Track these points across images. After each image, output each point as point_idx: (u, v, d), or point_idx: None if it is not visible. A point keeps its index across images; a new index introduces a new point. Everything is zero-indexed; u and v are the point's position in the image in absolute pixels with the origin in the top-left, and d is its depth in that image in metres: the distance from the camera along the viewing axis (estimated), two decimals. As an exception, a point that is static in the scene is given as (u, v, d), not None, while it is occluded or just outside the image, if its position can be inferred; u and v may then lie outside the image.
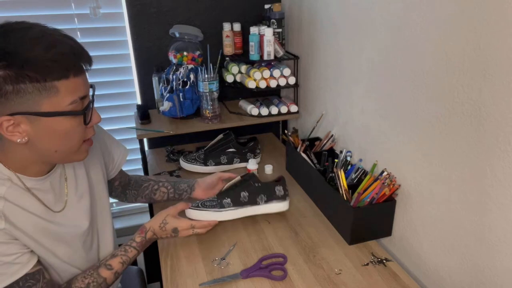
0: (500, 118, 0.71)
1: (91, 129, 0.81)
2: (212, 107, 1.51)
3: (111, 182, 1.11)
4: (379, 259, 1.02)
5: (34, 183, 0.80)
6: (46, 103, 0.69)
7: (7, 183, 0.76)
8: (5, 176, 0.76)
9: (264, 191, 1.12)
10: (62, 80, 0.69)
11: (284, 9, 1.61)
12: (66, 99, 0.71)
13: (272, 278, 0.95)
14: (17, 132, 0.71)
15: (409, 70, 0.93)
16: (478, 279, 0.83)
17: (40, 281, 0.79)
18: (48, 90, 0.68)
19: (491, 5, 0.69)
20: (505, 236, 0.75)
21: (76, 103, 0.73)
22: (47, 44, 0.67)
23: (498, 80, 0.70)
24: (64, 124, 0.73)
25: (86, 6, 1.46)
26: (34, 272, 0.78)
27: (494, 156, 0.74)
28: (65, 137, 0.75)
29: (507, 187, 0.72)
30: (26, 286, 0.77)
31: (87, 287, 0.86)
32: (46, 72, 0.67)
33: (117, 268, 0.91)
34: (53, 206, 0.85)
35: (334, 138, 1.36)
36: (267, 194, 1.12)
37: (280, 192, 1.13)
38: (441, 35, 0.82)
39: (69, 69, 0.70)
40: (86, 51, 0.74)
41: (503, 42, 0.68)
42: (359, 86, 1.17)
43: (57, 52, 0.68)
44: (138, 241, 0.96)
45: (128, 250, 0.94)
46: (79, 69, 0.72)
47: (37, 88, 0.67)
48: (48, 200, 0.84)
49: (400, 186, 1.02)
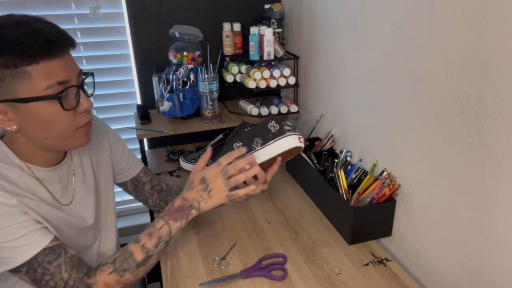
0: (500, 118, 0.71)
1: (83, 115, 0.77)
2: (212, 107, 1.51)
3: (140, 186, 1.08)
4: (379, 259, 1.02)
5: (42, 173, 0.81)
6: (21, 89, 0.69)
7: (17, 170, 0.77)
8: (16, 164, 0.77)
9: (256, 134, 0.92)
10: (32, 65, 0.68)
11: (284, 9, 1.61)
12: (41, 84, 0.69)
13: (272, 278, 0.95)
14: (6, 120, 0.72)
15: (409, 70, 0.93)
16: (478, 279, 0.83)
17: (62, 256, 0.76)
18: (21, 76, 0.68)
19: (491, 5, 0.69)
20: (505, 236, 0.75)
21: (53, 87, 0.70)
22: (19, 30, 0.67)
23: (498, 80, 0.70)
24: (44, 110, 0.72)
25: (86, 6, 1.46)
26: (53, 246, 0.75)
27: (494, 156, 0.74)
28: (50, 124, 0.74)
29: (507, 187, 0.72)
30: (46, 261, 0.74)
31: (114, 262, 0.81)
32: (15, 58, 0.66)
33: (144, 241, 0.82)
34: (60, 198, 0.85)
35: (334, 138, 1.36)
36: (261, 136, 0.91)
37: (275, 127, 0.91)
38: (441, 35, 0.82)
39: (38, 53, 0.68)
40: (63, 34, 0.72)
41: (503, 42, 0.68)
42: (359, 86, 1.17)
43: (26, 38, 0.67)
44: (165, 210, 0.86)
45: (155, 221, 0.85)
46: (52, 53, 0.69)
47: (10, 74, 0.67)
48: (55, 191, 0.84)
49: (400, 186, 1.02)
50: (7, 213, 0.71)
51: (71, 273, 0.76)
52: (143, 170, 1.08)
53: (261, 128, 0.91)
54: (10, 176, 0.75)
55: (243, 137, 0.93)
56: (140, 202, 1.13)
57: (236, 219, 1.19)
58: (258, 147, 0.90)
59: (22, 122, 0.72)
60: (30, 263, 0.73)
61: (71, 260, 0.77)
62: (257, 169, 0.86)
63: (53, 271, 0.75)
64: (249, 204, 1.27)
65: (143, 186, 1.09)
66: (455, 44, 0.78)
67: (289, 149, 0.89)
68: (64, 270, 0.76)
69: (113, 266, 0.80)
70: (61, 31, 0.72)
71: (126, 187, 1.09)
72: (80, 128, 0.78)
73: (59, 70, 0.71)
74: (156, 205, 1.12)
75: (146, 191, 1.10)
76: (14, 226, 0.72)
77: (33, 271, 0.74)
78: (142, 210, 1.89)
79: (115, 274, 0.79)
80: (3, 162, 0.76)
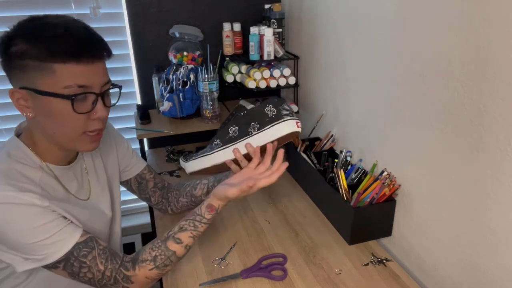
0: (500, 118, 0.71)
1: (95, 121, 0.79)
2: (212, 107, 1.51)
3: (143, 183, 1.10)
4: (379, 259, 1.02)
5: (59, 172, 0.84)
6: (40, 82, 0.72)
7: (39, 172, 0.79)
8: (37, 165, 0.80)
9: (253, 118, 0.90)
10: (59, 63, 0.70)
11: (284, 9, 1.61)
12: (61, 82, 0.72)
13: (272, 278, 0.95)
14: (25, 107, 0.75)
15: (409, 70, 0.93)
16: (478, 279, 0.83)
17: (95, 248, 0.79)
18: (44, 70, 0.70)
19: (491, 5, 0.69)
20: (505, 236, 0.75)
21: (71, 88, 0.72)
22: (56, 28, 0.71)
23: (498, 80, 0.70)
24: (57, 106, 0.74)
25: (86, 6, 1.47)
26: (85, 240, 0.78)
27: (494, 156, 0.74)
28: (60, 120, 0.76)
29: (507, 187, 0.72)
30: (81, 255, 0.77)
31: (154, 259, 0.84)
32: (46, 53, 0.69)
33: (188, 242, 0.87)
34: (78, 194, 0.88)
35: (334, 138, 1.37)
36: (258, 120, 0.90)
37: (272, 112, 0.89)
38: (441, 35, 0.82)
39: (67, 55, 0.70)
40: (99, 41, 0.75)
41: (503, 42, 0.68)
42: (359, 86, 1.17)
43: (61, 37, 0.70)
44: (209, 218, 0.88)
45: (199, 226, 0.88)
46: (80, 58, 0.71)
47: (37, 66, 0.70)
48: (72, 188, 0.87)
49: (400, 186, 1.03)
50: (39, 212, 0.74)
51: (106, 264, 0.79)
52: (146, 167, 1.11)
53: (258, 112, 0.89)
54: (35, 178, 0.77)
55: (239, 121, 0.91)
56: (143, 200, 1.15)
57: (236, 219, 1.19)
58: (254, 132, 0.89)
59: (37, 112, 0.75)
60: (67, 258, 0.76)
61: (104, 252, 0.80)
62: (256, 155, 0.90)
63: (90, 264, 0.78)
64: (249, 204, 1.27)
65: (146, 183, 1.10)
66: (455, 44, 0.78)
67: (287, 134, 0.89)
68: (100, 262, 0.79)
69: (153, 263, 0.84)
70: (97, 39, 0.75)
71: (130, 185, 1.10)
72: (88, 133, 0.79)
73: (83, 75, 0.73)
74: (158, 203, 1.14)
75: (149, 189, 1.11)
76: (47, 224, 0.74)
77: (70, 266, 0.77)
78: (142, 210, 1.89)
79: (157, 269, 0.84)
80: (27, 165, 0.78)
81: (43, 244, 0.73)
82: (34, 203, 0.73)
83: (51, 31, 0.71)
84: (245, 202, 1.28)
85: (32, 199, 0.73)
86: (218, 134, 0.95)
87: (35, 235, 0.73)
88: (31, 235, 0.73)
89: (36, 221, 0.73)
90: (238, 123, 0.91)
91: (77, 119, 0.76)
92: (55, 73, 0.71)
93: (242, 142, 0.91)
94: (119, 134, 1.06)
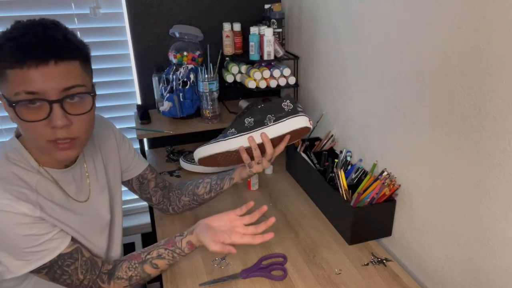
0: (500, 118, 0.71)
1: (55, 130, 0.71)
2: (212, 107, 1.52)
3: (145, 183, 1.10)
4: (379, 259, 1.02)
5: (58, 175, 0.83)
6: (3, 88, 0.70)
7: (37, 176, 0.79)
8: (35, 169, 0.80)
9: (269, 111, 0.94)
10: (8, 69, 0.67)
11: (284, 9, 1.61)
12: (12, 88, 0.68)
13: (272, 278, 0.95)
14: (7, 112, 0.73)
15: (409, 70, 0.93)
16: (478, 279, 0.83)
17: (79, 259, 0.81)
18: (2, 76, 0.68)
19: (491, 5, 0.69)
20: (505, 236, 0.75)
21: (20, 95, 0.67)
22: (12, 32, 0.68)
23: (498, 81, 0.71)
24: (12, 114, 0.70)
25: (86, 6, 1.47)
26: (71, 251, 0.80)
27: (494, 156, 0.74)
28: (23, 127, 0.72)
29: (507, 187, 0.72)
30: (65, 265, 0.79)
31: (130, 279, 0.88)
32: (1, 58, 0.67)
33: (163, 268, 0.91)
34: (77, 196, 0.88)
35: (334, 138, 1.37)
36: (274, 113, 0.94)
37: (289, 106, 0.93)
38: (441, 35, 0.82)
39: (12, 59, 0.66)
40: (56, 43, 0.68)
41: (503, 42, 0.68)
42: (359, 86, 1.17)
43: (11, 41, 0.67)
44: (187, 253, 0.92)
45: (176, 257, 0.91)
46: (24, 63, 0.66)
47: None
48: (71, 191, 0.87)
49: (400, 186, 1.03)
50: (30, 222, 0.74)
51: (85, 274, 0.83)
52: (148, 167, 1.11)
53: (275, 105, 0.94)
54: (31, 182, 0.77)
55: (256, 113, 0.95)
56: (144, 200, 1.15)
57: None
58: (270, 123, 0.93)
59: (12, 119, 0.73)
60: (51, 266, 0.78)
61: (85, 263, 0.83)
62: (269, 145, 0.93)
63: (71, 273, 0.81)
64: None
65: (148, 183, 1.11)
66: (455, 44, 0.79)
67: (300, 128, 0.93)
68: (80, 272, 0.82)
69: (128, 282, 0.88)
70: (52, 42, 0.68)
71: (132, 185, 1.10)
72: (52, 142, 0.72)
73: (33, 80, 0.67)
74: (159, 203, 1.14)
75: (150, 189, 1.11)
76: (35, 234, 0.75)
77: (53, 272, 0.79)
78: (142, 210, 1.90)
79: (130, 286, 0.89)
80: (24, 168, 0.78)
81: (28, 252, 0.75)
82: (26, 213, 0.73)
83: (6, 35, 0.68)
84: (244, 202, 1.28)
85: (24, 209, 0.73)
86: (233, 124, 0.98)
87: (24, 242, 0.74)
88: (20, 241, 0.74)
89: (26, 230, 0.74)
90: (255, 114, 0.95)
91: (34, 127, 0.70)
92: (8, 79, 0.68)
93: (258, 131, 0.93)
94: (121, 134, 1.06)
